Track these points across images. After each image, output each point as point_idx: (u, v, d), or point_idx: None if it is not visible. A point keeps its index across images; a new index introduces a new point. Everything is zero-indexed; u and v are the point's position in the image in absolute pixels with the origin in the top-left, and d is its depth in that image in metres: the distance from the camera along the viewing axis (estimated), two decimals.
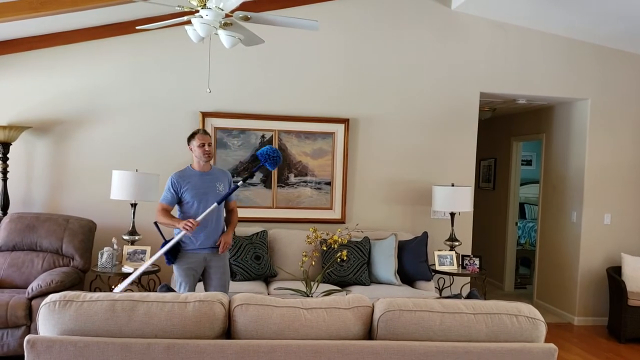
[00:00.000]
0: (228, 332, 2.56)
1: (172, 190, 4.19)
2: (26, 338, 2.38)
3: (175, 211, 4.31)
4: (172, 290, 3.01)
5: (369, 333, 2.62)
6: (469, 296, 3.10)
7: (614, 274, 6.00)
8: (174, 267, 4.21)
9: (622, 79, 6.35)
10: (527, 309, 2.65)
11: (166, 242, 4.09)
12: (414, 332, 2.54)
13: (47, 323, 2.45)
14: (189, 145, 4.24)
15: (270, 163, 4.10)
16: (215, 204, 4.07)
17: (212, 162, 4.49)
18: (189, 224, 3.94)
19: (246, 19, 3.58)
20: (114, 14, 5.26)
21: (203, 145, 4.18)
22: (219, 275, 4.24)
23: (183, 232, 4.00)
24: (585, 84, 6.28)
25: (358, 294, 2.76)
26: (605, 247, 6.37)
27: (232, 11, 3.53)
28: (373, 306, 2.65)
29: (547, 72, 6.19)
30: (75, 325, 2.42)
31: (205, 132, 4.27)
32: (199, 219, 4.00)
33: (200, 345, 2.39)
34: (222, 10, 3.41)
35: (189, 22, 3.60)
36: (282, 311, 2.54)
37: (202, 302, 2.49)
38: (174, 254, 4.14)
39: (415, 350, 2.48)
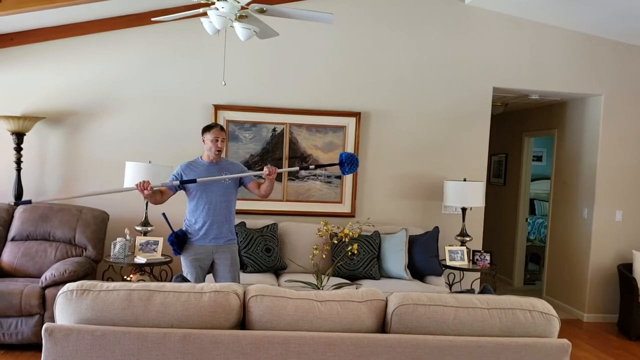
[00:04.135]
0: (242, 322, 2.58)
1: (175, 178, 4.20)
2: (44, 326, 2.41)
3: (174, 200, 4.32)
4: (187, 281, 3.04)
5: (382, 326, 2.63)
6: (483, 291, 3.10)
7: (625, 271, 5.98)
8: (181, 258, 4.24)
9: (636, 75, 6.30)
10: (541, 305, 2.66)
11: (174, 233, 4.13)
12: (428, 326, 2.54)
13: (64, 312, 2.48)
14: (202, 136, 4.25)
15: (347, 167, 4.10)
16: (173, 183, 4.06)
17: (222, 155, 4.49)
18: (141, 183, 3.87)
19: (262, 11, 3.59)
20: (129, 6, 5.28)
21: (217, 140, 4.18)
22: (227, 267, 4.24)
23: (134, 187, 3.95)
24: (599, 79, 6.24)
25: (371, 288, 2.77)
26: (617, 244, 6.34)
27: (248, 3, 3.54)
28: (387, 300, 2.66)
29: (560, 67, 6.15)
30: (92, 314, 2.44)
31: (222, 129, 4.27)
32: (155, 184, 3.96)
33: (215, 336, 2.41)
34: (238, 2, 3.42)
35: (204, 14, 3.61)
36: (296, 303, 2.55)
37: (217, 293, 2.51)
38: (180, 245, 4.17)
39: (428, 344, 2.49)
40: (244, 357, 2.41)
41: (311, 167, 4.50)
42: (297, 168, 4.49)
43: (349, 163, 4.09)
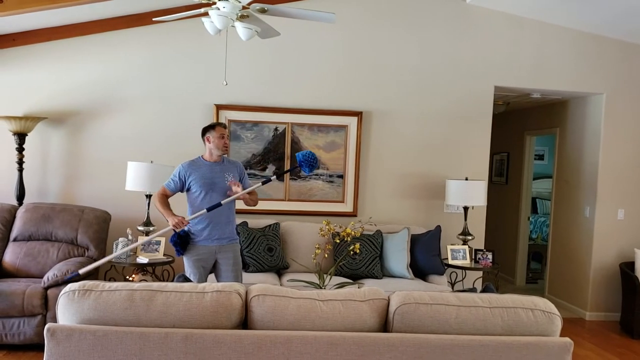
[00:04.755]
0: (245, 322, 2.58)
1: (178, 178, 4.21)
2: (46, 326, 2.41)
3: (175, 200, 4.33)
4: (189, 281, 3.04)
5: (385, 326, 2.63)
6: (485, 290, 3.10)
7: (627, 269, 5.97)
8: (184, 258, 4.24)
9: (637, 74, 6.29)
10: (543, 303, 2.65)
11: (176, 234, 4.12)
12: (430, 325, 2.54)
13: (66, 312, 2.48)
14: (204, 136, 4.26)
15: (306, 167, 4.09)
16: (205, 210, 4.05)
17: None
18: (179, 224, 3.96)
19: (263, 11, 3.59)
20: (130, 6, 5.28)
21: (223, 137, 4.22)
22: (230, 267, 4.25)
23: (169, 228, 4.01)
24: (600, 78, 6.23)
25: (374, 287, 2.77)
26: (619, 242, 6.33)
27: (249, 3, 3.54)
28: (389, 299, 2.66)
29: (562, 66, 6.14)
30: (95, 315, 2.45)
31: (225, 125, 4.33)
32: (188, 218, 4.03)
33: (217, 335, 2.41)
34: (240, 2, 3.42)
35: (206, 14, 3.61)
36: (298, 302, 2.55)
37: (219, 293, 2.51)
38: (183, 246, 4.17)
39: (431, 343, 2.48)
40: (246, 356, 2.41)
41: (272, 177, 4.42)
42: (259, 184, 4.40)
43: (307, 163, 4.06)
